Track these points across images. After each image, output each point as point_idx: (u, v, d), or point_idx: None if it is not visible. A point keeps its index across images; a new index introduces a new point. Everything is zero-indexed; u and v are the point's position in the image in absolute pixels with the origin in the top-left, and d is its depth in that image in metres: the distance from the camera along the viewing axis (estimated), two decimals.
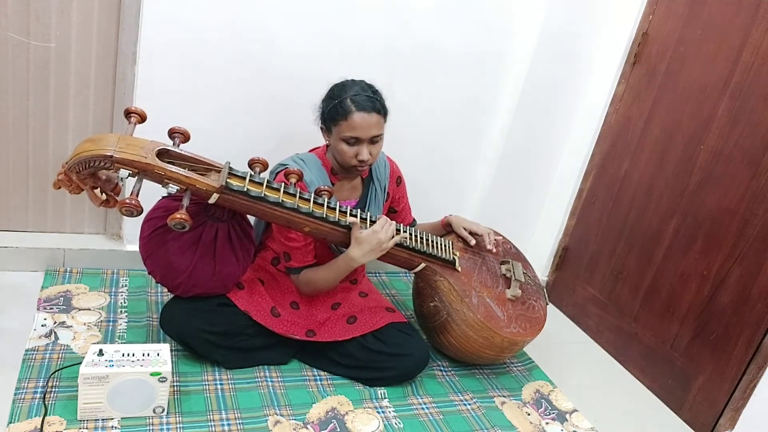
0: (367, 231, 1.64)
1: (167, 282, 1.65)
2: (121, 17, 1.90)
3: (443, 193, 2.49)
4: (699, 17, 2.06)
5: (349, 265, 1.69)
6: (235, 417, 1.56)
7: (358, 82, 1.74)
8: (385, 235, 1.66)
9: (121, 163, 1.36)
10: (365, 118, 1.66)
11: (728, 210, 1.92)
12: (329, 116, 1.71)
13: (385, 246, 1.66)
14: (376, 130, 1.70)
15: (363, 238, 1.64)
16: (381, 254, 1.69)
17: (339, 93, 1.70)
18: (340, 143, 1.70)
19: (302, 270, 1.77)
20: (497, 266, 2.03)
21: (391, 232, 1.68)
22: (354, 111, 1.66)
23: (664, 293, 2.12)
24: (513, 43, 2.30)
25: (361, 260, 1.67)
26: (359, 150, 1.69)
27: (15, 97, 1.90)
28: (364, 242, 1.64)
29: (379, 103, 1.72)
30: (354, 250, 1.65)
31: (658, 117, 2.19)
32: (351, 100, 1.67)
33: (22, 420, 1.40)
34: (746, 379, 1.83)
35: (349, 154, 1.70)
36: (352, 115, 1.66)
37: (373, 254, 1.67)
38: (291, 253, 1.75)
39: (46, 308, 1.83)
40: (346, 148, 1.70)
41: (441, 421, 1.71)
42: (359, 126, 1.67)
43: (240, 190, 1.47)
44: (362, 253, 1.65)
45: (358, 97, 1.68)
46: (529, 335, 1.89)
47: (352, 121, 1.66)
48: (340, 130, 1.69)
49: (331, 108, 1.70)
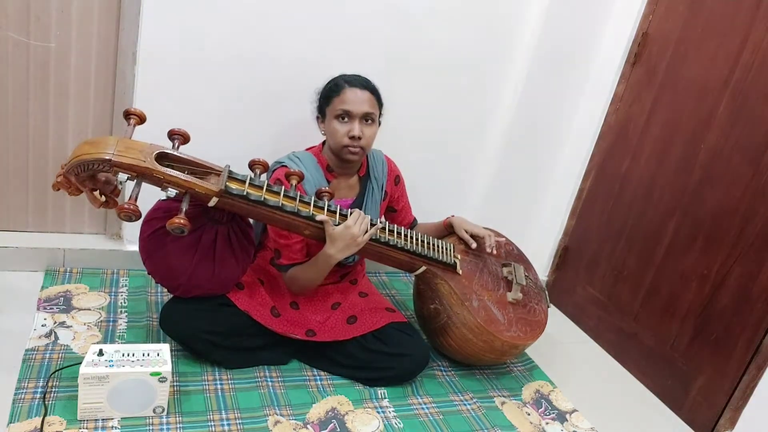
0: (340, 227, 1.62)
1: (167, 283, 1.65)
2: (121, 17, 1.90)
3: (443, 193, 2.48)
4: (699, 17, 2.06)
5: (327, 262, 1.67)
6: (235, 417, 1.56)
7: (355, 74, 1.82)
8: (358, 228, 1.64)
9: (120, 166, 1.36)
10: (357, 92, 1.74)
11: (729, 209, 1.91)
12: (324, 97, 1.79)
13: (360, 240, 1.64)
14: (368, 107, 1.74)
15: (336, 235, 1.62)
16: (357, 249, 1.66)
17: (333, 78, 1.81)
18: (332, 122, 1.75)
19: (290, 267, 1.77)
20: (499, 269, 2.02)
21: (365, 226, 1.66)
22: (346, 87, 1.74)
23: (664, 293, 2.12)
24: (513, 43, 2.30)
25: (337, 256, 1.65)
26: (351, 127, 1.72)
27: (15, 97, 1.90)
28: (337, 239, 1.62)
29: (371, 83, 1.80)
30: (329, 247, 1.64)
31: (658, 116, 2.19)
32: (344, 79, 1.77)
33: (22, 420, 1.40)
34: (746, 379, 1.83)
35: (341, 132, 1.73)
36: (344, 89, 1.74)
37: (349, 249, 1.65)
38: (281, 250, 1.75)
39: (46, 308, 1.83)
40: (338, 126, 1.73)
41: (441, 421, 1.72)
42: (351, 100, 1.72)
43: (240, 194, 1.47)
44: (337, 249, 1.63)
45: (349, 76, 1.78)
46: (529, 339, 1.88)
47: (344, 96, 1.73)
48: (333, 107, 1.74)
49: (325, 89, 1.79)
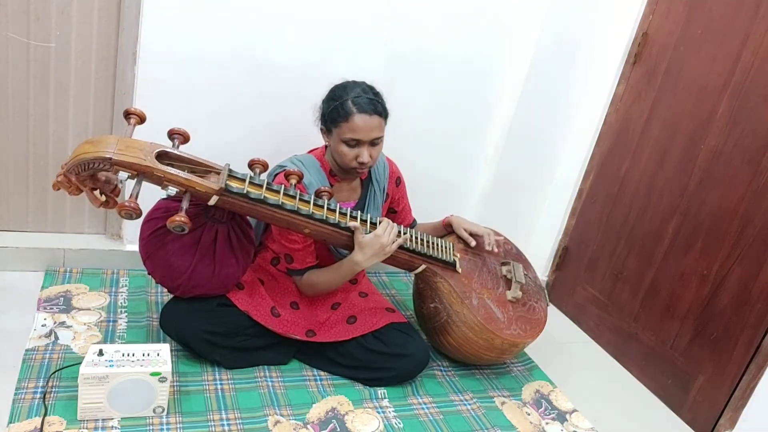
0: (370, 235, 1.65)
1: (167, 282, 1.65)
2: (121, 17, 1.90)
3: (443, 193, 2.48)
4: (699, 17, 2.06)
5: (353, 269, 1.69)
6: (235, 417, 1.56)
7: (359, 84, 1.73)
8: (387, 238, 1.66)
9: (120, 165, 1.36)
10: (366, 120, 1.66)
11: (728, 210, 1.91)
12: (330, 118, 1.70)
13: (388, 249, 1.67)
14: (377, 132, 1.69)
15: (365, 243, 1.64)
16: (384, 258, 1.69)
17: (340, 94, 1.69)
18: (340, 145, 1.69)
19: (305, 272, 1.77)
20: (498, 267, 2.03)
21: (394, 236, 1.69)
22: (355, 113, 1.65)
23: (664, 293, 2.12)
24: (513, 43, 2.30)
25: (364, 264, 1.67)
26: (360, 152, 1.69)
27: (15, 97, 1.90)
28: (366, 246, 1.65)
29: (381, 105, 1.71)
30: (357, 254, 1.66)
31: (658, 117, 2.19)
32: (352, 102, 1.66)
33: (22, 420, 1.40)
34: (746, 379, 1.83)
35: (350, 156, 1.70)
36: (353, 116, 1.65)
37: (376, 258, 1.67)
38: (293, 254, 1.74)
39: (46, 308, 1.83)
40: (346, 150, 1.69)
41: (441, 421, 1.72)
42: (360, 128, 1.66)
43: (240, 192, 1.47)
44: (365, 257, 1.66)
45: (359, 99, 1.66)
46: (529, 337, 1.89)
47: (353, 123, 1.65)
48: (341, 131, 1.68)
49: (332, 109, 1.69)
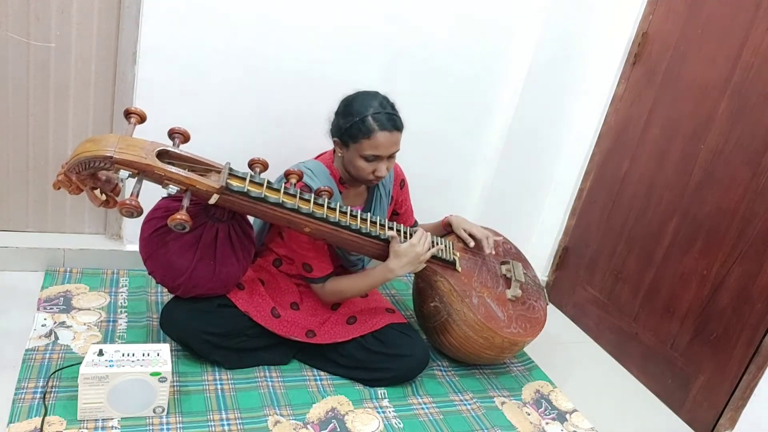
0: (406, 244, 1.67)
1: (167, 282, 1.65)
2: (121, 17, 1.89)
3: (444, 194, 2.49)
4: (699, 17, 2.06)
5: (386, 276, 1.71)
6: (235, 417, 1.56)
7: (375, 96, 1.70)
8: (422, 247, 1.69)
9: (121, 163, 1.36)
10: (388, 137, 1.65)
11: (728, 210, 1.92)
12: (349, 133, 1.67)
13: (423, 258, 1.69)
14: (396, 147, 1.70)
15: (402, 251, 1.66)
16: (420, 267, 1.71)
17: (359, 109, 1.66)
18: (358, 159, 1.68)
19: (325, 279, 1.76)
20: (497, 266, 2.03)
21: (428, 245, 1.71)
22: (377, 130, 1.64)
23: (664, 293, 2.12)
24: (513, 43, 2.30)
25: (398, 272, 1.69)
26: (378, 166, 1.69)
27: (15, 97, 1.90)
28: (402, 255, 1.67)
29: (399, 120, 1.70)
30: (393, 262, 1.68)
31: (658, 117, 2.19)
32: (373, 119, 1.64)
33: (22, 420, 1.40)
34: (746, 379, 1.83)
35: (367, 171, 1.70)
36: (375, 134, 1.64)
37: (411, 267, 1.69)
38: (310, 263, 1.74)
39: (46, 308, 1.83)
40: (364, 165, 1.69)
41: (441, 421, 1.72)
42: (382, 145, 1.65)
43: (240, 190, 1.47)
44: (401, 265, 1.68)
45: (379, 115, 1.64)
46: (529, 335, 1.89)
47: (375, 141, 1.64)
48: (361, 147, 1.66)
49: (351, 125, 1.66)
